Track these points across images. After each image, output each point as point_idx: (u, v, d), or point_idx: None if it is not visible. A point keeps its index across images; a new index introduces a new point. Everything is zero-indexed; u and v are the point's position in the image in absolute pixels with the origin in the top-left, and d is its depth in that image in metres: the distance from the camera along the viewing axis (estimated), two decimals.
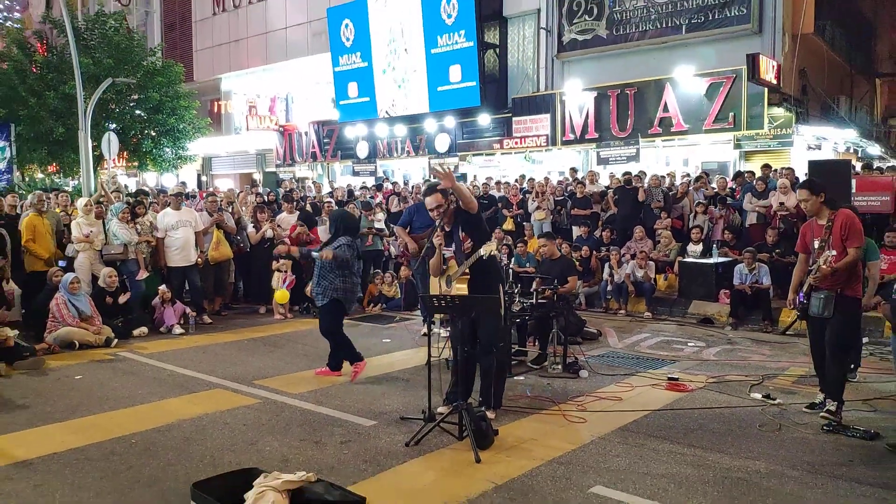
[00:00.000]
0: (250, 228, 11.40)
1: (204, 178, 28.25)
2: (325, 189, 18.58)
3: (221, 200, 11.45)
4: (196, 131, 22.82)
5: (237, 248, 11.03)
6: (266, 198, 14.29)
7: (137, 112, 21.51)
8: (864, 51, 24.97)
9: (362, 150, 22.53)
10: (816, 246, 5.50)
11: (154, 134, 21.79)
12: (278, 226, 11.48)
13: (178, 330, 9.16)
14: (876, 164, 16.73)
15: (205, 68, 28.86)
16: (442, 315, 7.05)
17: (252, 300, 11.33)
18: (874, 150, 21.29)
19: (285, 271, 10.45)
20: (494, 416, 5.42)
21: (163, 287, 9.53)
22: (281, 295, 10.24)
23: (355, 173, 22.86)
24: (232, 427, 5.31)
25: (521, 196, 14.37)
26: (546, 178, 15.72)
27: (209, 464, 4.56)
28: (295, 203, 12.89)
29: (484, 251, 5.01)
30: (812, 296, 5.46)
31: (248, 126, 25.98)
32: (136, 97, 21.17)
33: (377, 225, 12.16)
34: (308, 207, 12.66)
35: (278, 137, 25.73)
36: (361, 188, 16.85)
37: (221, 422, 5.44)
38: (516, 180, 16.39)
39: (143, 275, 9.60)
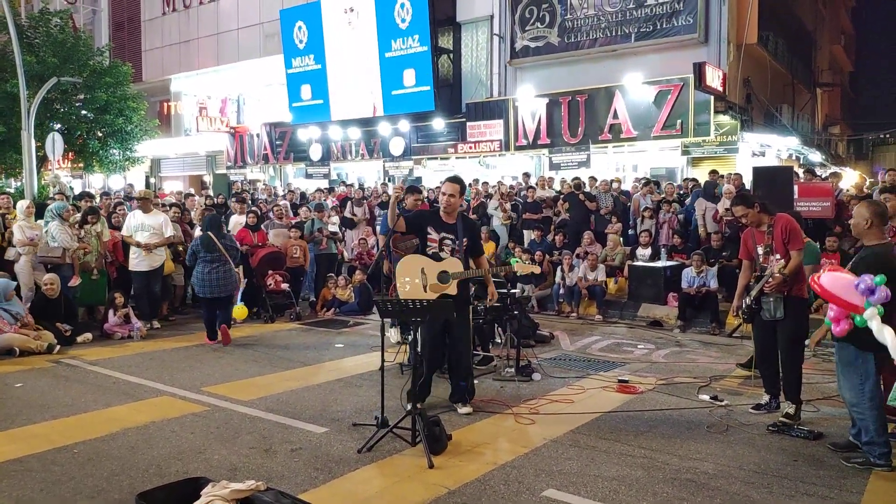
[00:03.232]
0: (198, 231, 11.13)
1: (152, 181, 27.57)
2: (280, 191, 18.34)
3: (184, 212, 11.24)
4: (144, 133, 22.26)
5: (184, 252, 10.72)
6: (216, 200, 14.01)
7: (83, 112, 20.85)
8: (805, 61, 25.83)
9: (316, 153, 22.34)
10: (761, 252, 5.65)
11: (101, 135, 21.16)
12: (228, 229, 11.21)
13: (119, 335, 8.87)
14: (817, 170, 17.30)
15: (154, 68, 28.21)
16: (397, 319, 6.99)
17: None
18: (815, 157, 22.04)
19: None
20: (472, 410, 5.61)
21: (116, 292, 9.22)
22: (239, 311, 9.97)
23: (308, 176, 22.65)
24: (179, 435, 5.15)
25: (480, 200, 14.44)
26: (499, 183, 15.82)
27: (155, 473, 4.41)
28: (245, 204, 12.65)
29: (519, 269, 5.41)
30: (762, 300, 5.59)
31: (199, 127, 25.47)
32: (82, 97, 20.53)
33: (331, 228, 12.05)
34: (259, 210, 12.43)
35: (229, 139, 25.31)
36: (316, 190, 16.66)
37: (168, 430, 5.27)
38: (470, 184, 16.45)
39: (75, 281, 9.18)
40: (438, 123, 19.29)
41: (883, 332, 3.50)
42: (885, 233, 5.00)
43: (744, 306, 5.77)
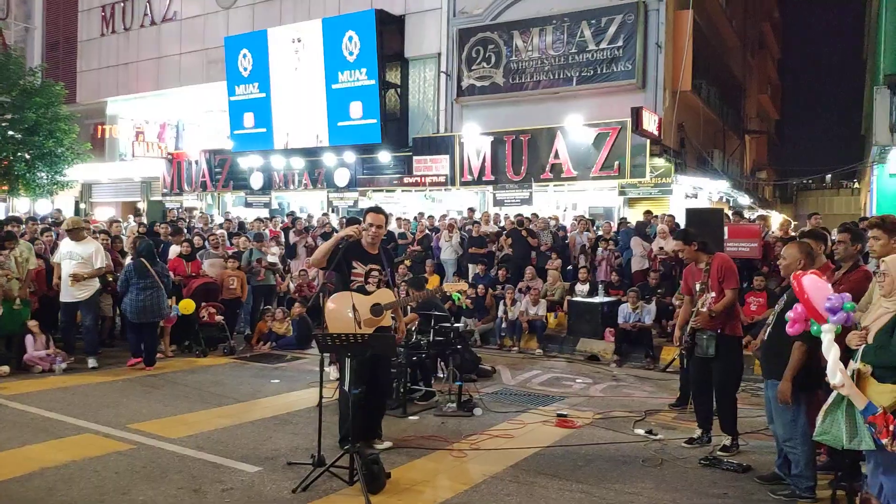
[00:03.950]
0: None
1: (83, 206, 26.64)
2: (218, 220, 17.96)
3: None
4: (76, 156, 21.56)
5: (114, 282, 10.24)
6: (148, 227, 13.60)
7: (10, 133, 20.07)
8: (735, 109, 27.10)
9: (256, 181, 22.04)
10: (698, 288, 5.83)
11: (28, 157, 20.39)
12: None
13: (39, 368, 8.43)
14: (745, 213, 18.04)
15: (89, 90, 27.48)
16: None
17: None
18: (744, 199, 23.03)
19: (169, 307, 9.86)
20: (392, 444, 5.54)
21: (32, 322, 8.76)
22: (186, 305, 9.71)
23: (248, 204, 22.28)
24: (102, 475, 4.89)
25: (425, 233, 14.48)
26: (443, 217, 15.92)
27: None
28: (181, 234, 12.32)
29: (449, 289, 5.46)
30: (696, 336, 5.75)
31: (135, 152, 24.86)
32: (10, 117, 19.77)
33: (269, 258, 11.81)
34: (196, 239, 12.11)
35: (166, 165, 24.75)
36: (255, 220, 16.39)
37: (90, 469, 5.00)
38: (415, 217, 16.50)
39: None
40: (384, 156, 19.34)
41: (830, 350, 3.63)
42: None
43: (682, 339, 5.92)
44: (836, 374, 3.41)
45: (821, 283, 3.97)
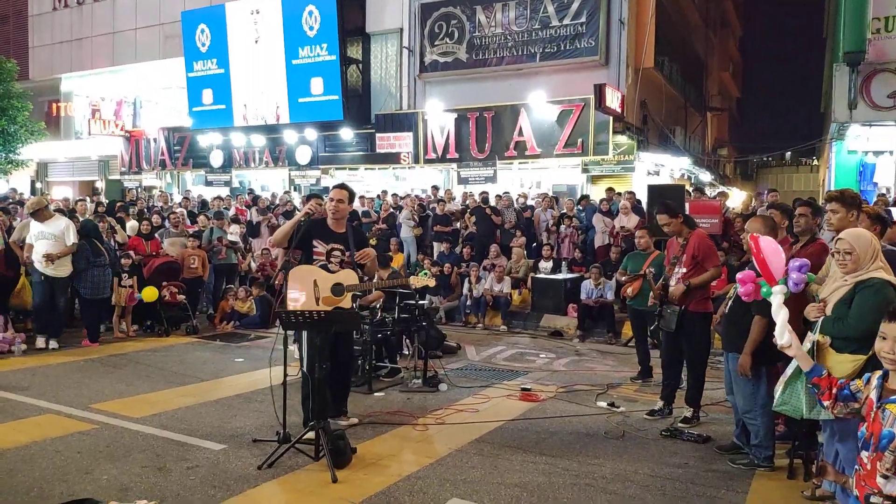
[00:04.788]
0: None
1: (39, 185, 25.93)
2: (177, 198, 17.65)
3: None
4: (30, 134, 20.93)
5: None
6: (113, 207, 13.35)
7: None
8: (697, 87, 27.42)
9: (217, 159, 21.70)
10: (671, 261, 5.91)
11: None
12: (117, 241, 10.62)
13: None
14: (706, 189, 18.37)
15: (42, 66, 26.61)
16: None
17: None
18: (705, 176, 23.40)
19: (130, 286, 9.73)
20: (358, 421, 5.49)
21: None
22: (149, 293, 9.64)
23: (208, 183, 21.95)
24: (64, 455, 4.85)
25: (390, 211, 14.45)
26: (407, 195, 15.89)
27: (37, 496, 4.13)
28: (129, 213, 12.11)
29: (415, 283, 5.35)
30: (663, 309, 5.86)
31: (91, 130, 24.19)
32: None
33: (230, 237, 11.68)
34: (155, 218, 11.92)
35: (124, 143, 24.20)
36: (215, 198, 16.17)
37: (52, 450, 4.95)
38: (378, 196, 16.44)
39: None
40: (347, 133, 19.18)
41: (779, 312, 3.70)
42: None
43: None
44: (783, 334, 3.49)
45: (776, 245, 4.04)
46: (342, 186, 5.56)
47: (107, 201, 15.98)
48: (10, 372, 7.38)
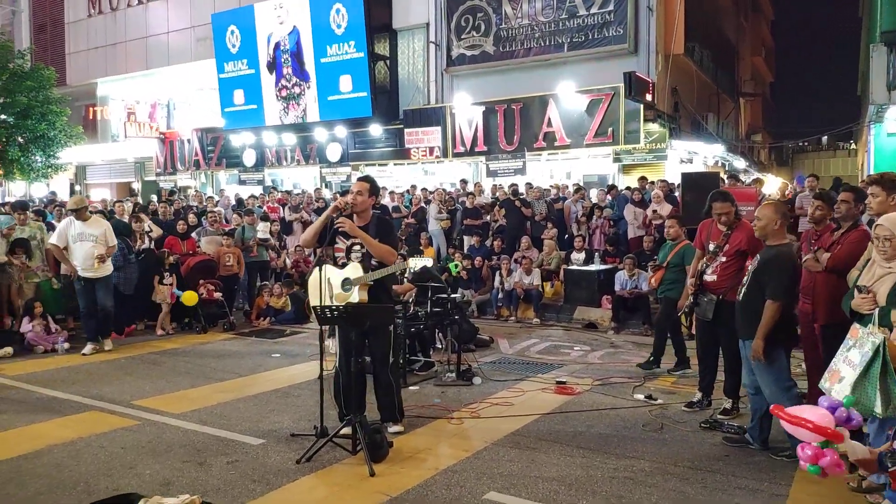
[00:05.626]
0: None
1: (78, 188, 26.50)
2: (216, 198, 17.85)
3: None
4: (69, 138, 21.39)
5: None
6: (147, 206, 13.57)
7: (3, 117, 19.88)
8: (729, 72, 26.92)
9: (249, 159, 21.94)
10: (711, 249, 5.72)
11: (22, 141, 20.23)
12: (148, 235, 10.72)
13: (41, 348, 8.47)
14: (741, 176, 18.02)
15: (79, 72, 27.17)
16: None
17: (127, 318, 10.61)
18: (739, 163, 22.95)
19: (170, 284, 9.89)
20: (404, 428, 5.37)
21: (37, 301, 8.82)
22: (189, 297, 9.80)
23: (241, 182, 22.21)
24: (108, 451, 4.94)
25: (420, 206, 14.45)
26: (436, 189, 15.88)
27: (83, 491, 4.22)
28: (175, 212, 12.29)
29: (414, 264, 5.11)
30: (698, 297, 5.74)
31: (127, 133, 24.63)
32: (1, 101, 19.56)
33: (259, 234, 11.77)
34: (191, 217, 12.10)
35: (159, 145, 24.60)
36: (250, 197, 16.34)
37: (97, 445, 5.05)
38: (407, 191, 16.46)
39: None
40: (376, 129, 19.23)
41: (856, 448, 3.53)
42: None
43: (688, 303, 5.92)
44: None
45: (795, 409, 3.92)
46: (364, 179, 5.44)
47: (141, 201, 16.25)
48: (54, 370, 7.56)
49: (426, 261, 5.65)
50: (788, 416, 3.54)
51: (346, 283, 5.12)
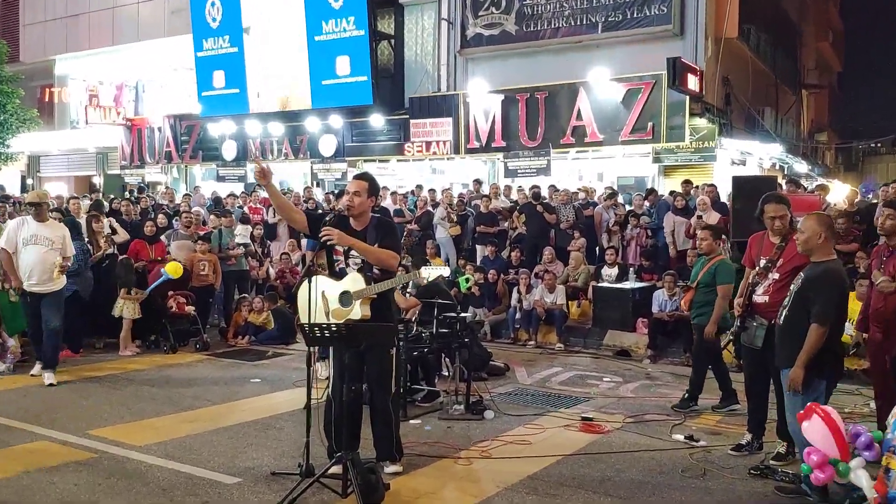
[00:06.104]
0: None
1: (30, 182, 26.70)
2: (193, 196, 17.97)
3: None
4: (21, 124, 21.56)
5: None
6: (110, 204, 13.68)
7: None
8: (791, 60, 26.88)
9: (229, 151, 22.02)
10: (762, 265, 5.71)
11: None
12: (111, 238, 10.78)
13: None
14: (803, 181, 17.99)
15: (34, 47, 27.43)
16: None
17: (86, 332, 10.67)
18: (801, 166, 22.92)
19: (137, 297, 9.94)
20: (402, 468, 5.37)
21: None
22: (173, 268, 10.02)
23: (220, 178, 22.27)
24: (59, 488, 4.98)
25: (426, 209, 14.51)
26: (445, 191, 15.93)
27: None
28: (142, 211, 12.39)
29: (427, 273, 5.12)
30: (745, 321, 5.73)
31: (88, 119, 24.80)
32: None
33: (239, 239, 11.82)
34: (161, 218, 12.20)
35: (125, 134, 24.76)
36: (229, 196, 16.46)
37: (47, 481, 5.09)
38: (412, 191, 16.51)
39: None
40: (377, 120, 19.30)
41: (863, 481, 3.76)
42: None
43: (733, 326, 5.91)
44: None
45: (818, 425, 4.08)
46: (361, 177, 5.47)
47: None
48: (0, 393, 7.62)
49: (442, 270, 5.60)
50: (826, 414, 3.80)
51: (346, 297, 5.14)
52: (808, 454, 4.06)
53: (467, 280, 11.14)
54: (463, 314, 7.85)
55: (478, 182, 16.41)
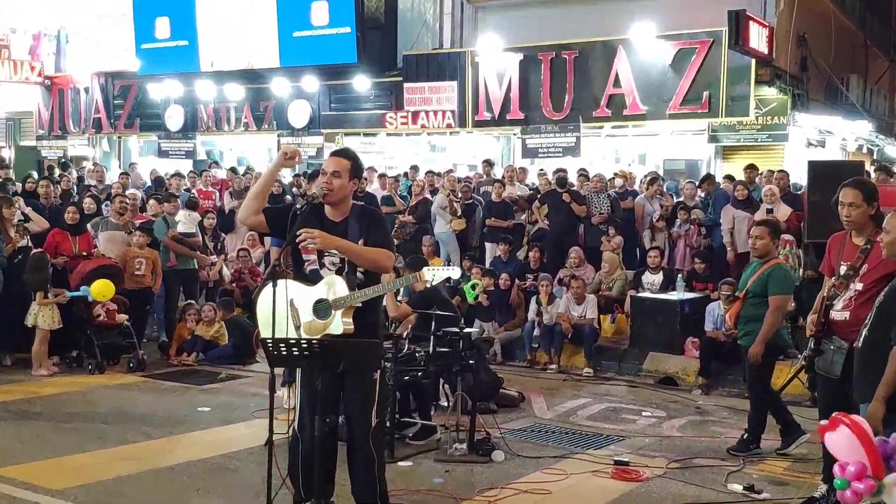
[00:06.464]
0: None
1: None
2: (115, 174, 17.94)
3: None
4: None
5: None
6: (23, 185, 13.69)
7: None
8: (884, 16, 26.78)
9: (175, 120, 22.02)
10: (842, 272, 5.65)
11: None
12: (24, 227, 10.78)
13: None
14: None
15: None
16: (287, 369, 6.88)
17: None
18: (894, 150, 22.89)
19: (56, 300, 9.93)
20: None
21: None
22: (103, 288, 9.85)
23: (163, 153, 22.28)
24: None
25: (423, 196, 14.49)
26: (447, 173, 15.93)
27: None
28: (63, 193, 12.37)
29: (431, 275, 5.05)
30: (822, 344, 5.71)
31: None
32: None
33: (182, 228, 11.75)
34: (87, 202, 12.17)
35: (43, 95, 24.78)
36: (174, 175, 16.43)
37: None
38: (405, 174, 16.51)
39: None
40: (362, 83, 19.27)
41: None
42: None
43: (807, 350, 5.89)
44: None
45: (845, 435, 4.11)
46: (341, 153, 5.40)
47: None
48: None
49: (450, 270, 5.52)
50: (853, 423, 3.87)
51: (323, 307, 5.10)
52: (841, 466, 4.11)
53: (474, 287, 11.16)
54: (467, 329, 7.84)
55: (488, 164, 16.40)
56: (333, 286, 5.07)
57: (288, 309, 5.04)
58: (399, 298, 8.46)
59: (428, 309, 7.75)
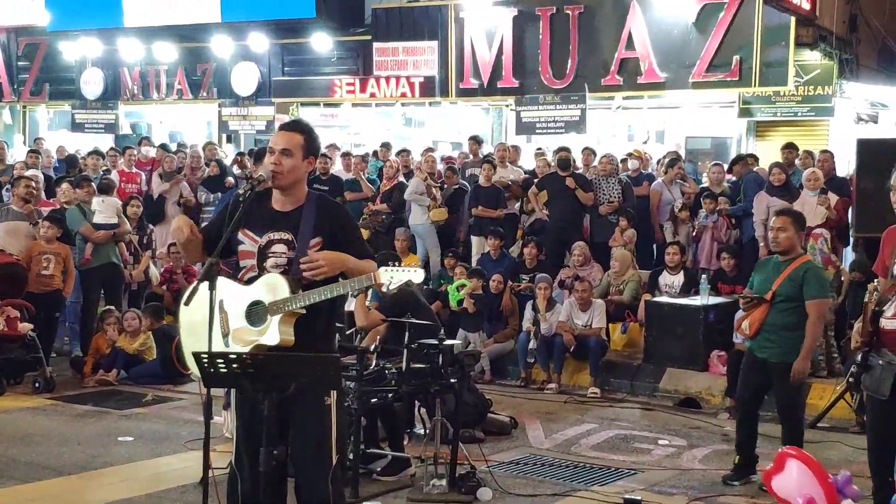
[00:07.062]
0: None
1: None
2: (19, 152, 17.83)
3: None
4: None
5: None
6: None
7: None
8: None
9: (92, 86, 21.94)
10: (894, 273, 5.69)
11: None
12: None
13: None
14: None
15: None
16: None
17: None
18: None
19: None
20: None
21: None
22: None
23: (77, 126, 22.21)
24: None
25: (397, 181, 14.47)
26: (426, 151, 15.93)
27: None
28: None
29: (388, 278, 4.85)
30: (870, 358, 5.72)
31: None
32: None
33: (99, 218, 11.68)
34: None
35: None
36: (91, 154, 16.34)
37: None
38: (375, 153, 16.50)
39: None
40: (322, 42, 19.23)
41: None
42: None
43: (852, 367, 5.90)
44: None
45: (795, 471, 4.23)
46: (292, 127, 5.28)
47: None
48: None
49: (410, 272, 5.26)
50: (801, 455, 4.08)
51: (257, 311, 5.03)
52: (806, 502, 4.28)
53: (458, 289, 11.15)
54: (449, 341, 7.82)
55: (476, 141, 16.37)
56: (274, 287, 4.95)
57: (217, 312, 4.93)
58: (367, 303, 8.42)
59: (401, 316, 7.72)
